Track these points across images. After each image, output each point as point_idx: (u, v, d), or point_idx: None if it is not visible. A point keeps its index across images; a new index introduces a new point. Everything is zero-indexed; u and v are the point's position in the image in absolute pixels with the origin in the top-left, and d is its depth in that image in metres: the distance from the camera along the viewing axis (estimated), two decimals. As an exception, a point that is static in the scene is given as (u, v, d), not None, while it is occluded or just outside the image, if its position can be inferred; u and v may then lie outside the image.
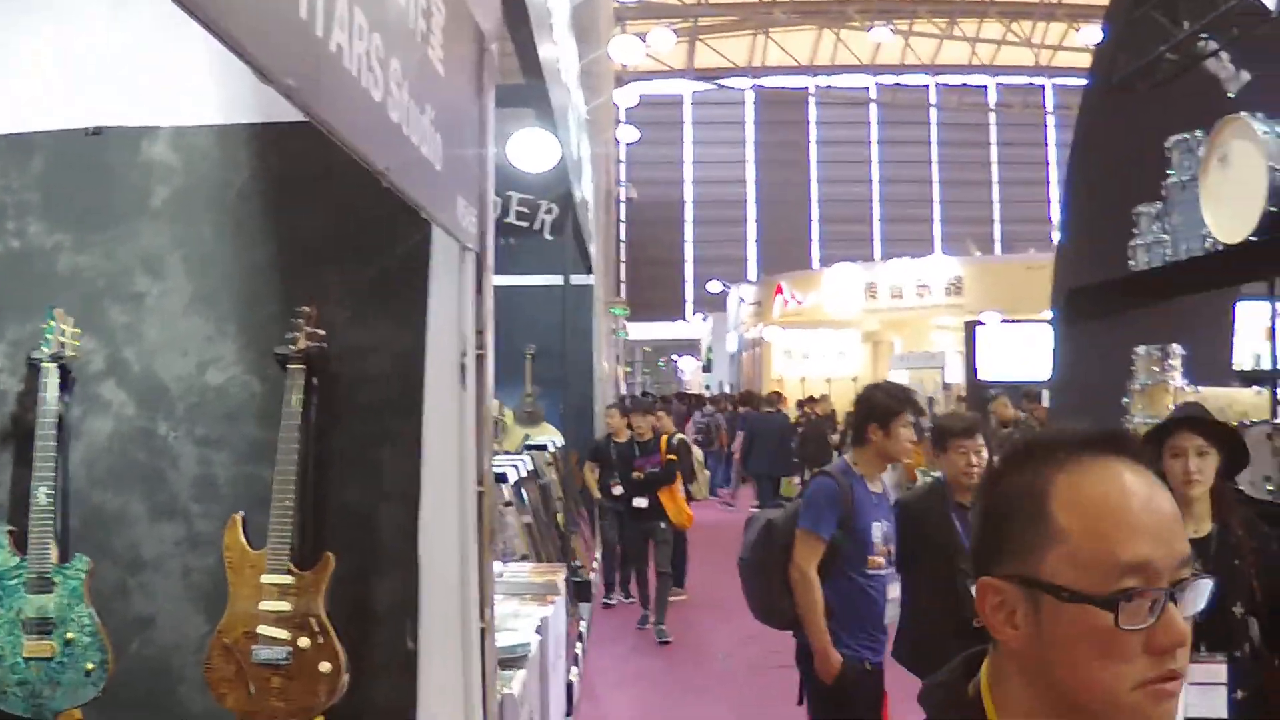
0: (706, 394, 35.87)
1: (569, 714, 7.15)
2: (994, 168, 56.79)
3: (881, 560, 5.09)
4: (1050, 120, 52.98)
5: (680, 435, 13.93)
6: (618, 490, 11.40)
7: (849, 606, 5.08)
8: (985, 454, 5.15)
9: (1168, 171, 7.49)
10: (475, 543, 3.61)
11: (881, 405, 5.21)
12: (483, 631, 3.68)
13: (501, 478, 7.76)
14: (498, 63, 3.98)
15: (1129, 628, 1.39)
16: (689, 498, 12.36)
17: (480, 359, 3.65)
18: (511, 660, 4.79)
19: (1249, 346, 9.63)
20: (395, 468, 4.02)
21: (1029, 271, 24.15)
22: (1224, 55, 7.45)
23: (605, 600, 12.31)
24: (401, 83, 2.69)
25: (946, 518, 5.08)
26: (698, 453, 16.08)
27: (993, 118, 55.86)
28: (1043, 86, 52.13)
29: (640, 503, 11.19)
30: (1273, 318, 6.69)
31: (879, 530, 5.09)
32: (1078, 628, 1.42)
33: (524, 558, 7.70)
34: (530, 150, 9.13)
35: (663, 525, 11.20)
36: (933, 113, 55.59)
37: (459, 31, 3.44)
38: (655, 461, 11.29)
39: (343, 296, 4.17)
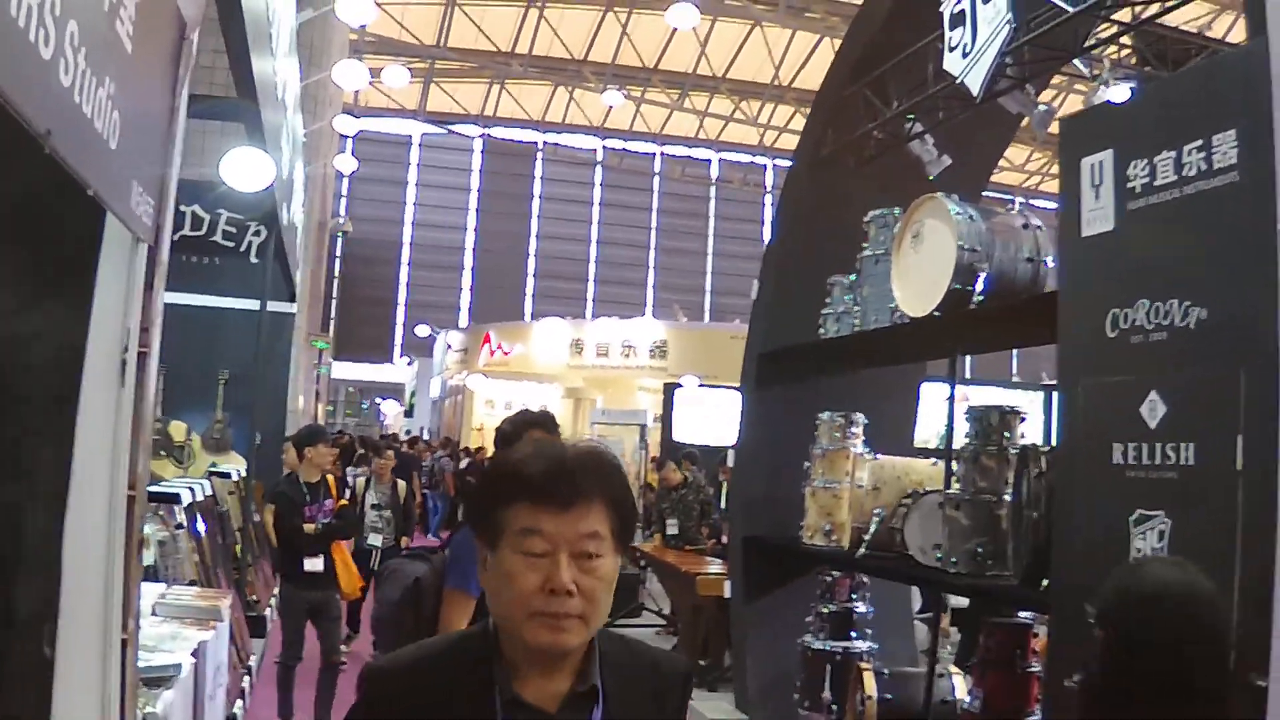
0: (404, 438, 35.37)
1: (227, 746, 6.80)
2: (710, 239, 58.19)
3: None
4: (769, 198, 54.61)
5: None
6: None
7: None
8: None
9: (863, 245, 7.79)
10: (122, 550, 3.42)
11: (509, 435, 5.04)
12: (124, 644, 3.48)
13: (175, 498, 7.45)
14: (195, 53, 3.80)
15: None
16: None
17: (143, 357, 3.47)
18: (159, 679, 4.55)
19: (931, 424, 10.08)
20: (47, 465, 3.77)
21: (732, 340, 24.61)
22: (928, 138, 7.82)
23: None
24: (79, 48, 2.54)
25: None
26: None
27: (713, 191, 57.30)
28: (765, 165, 53.69)
29: (313, 565, 8.42)
30: (950, 398, 7.01)
31: None
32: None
33: (193, 583, 7.37)
34: (244, 169, 8.74)
35: (336, 596, 8.80)
36: (656, 180, 56.67)
37: (156, 12, 3.29)
38: (327, 510, 8.59)
39: (6, 281, 3.91)
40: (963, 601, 8.59)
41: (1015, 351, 33.49)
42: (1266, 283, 4.21)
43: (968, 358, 10.91)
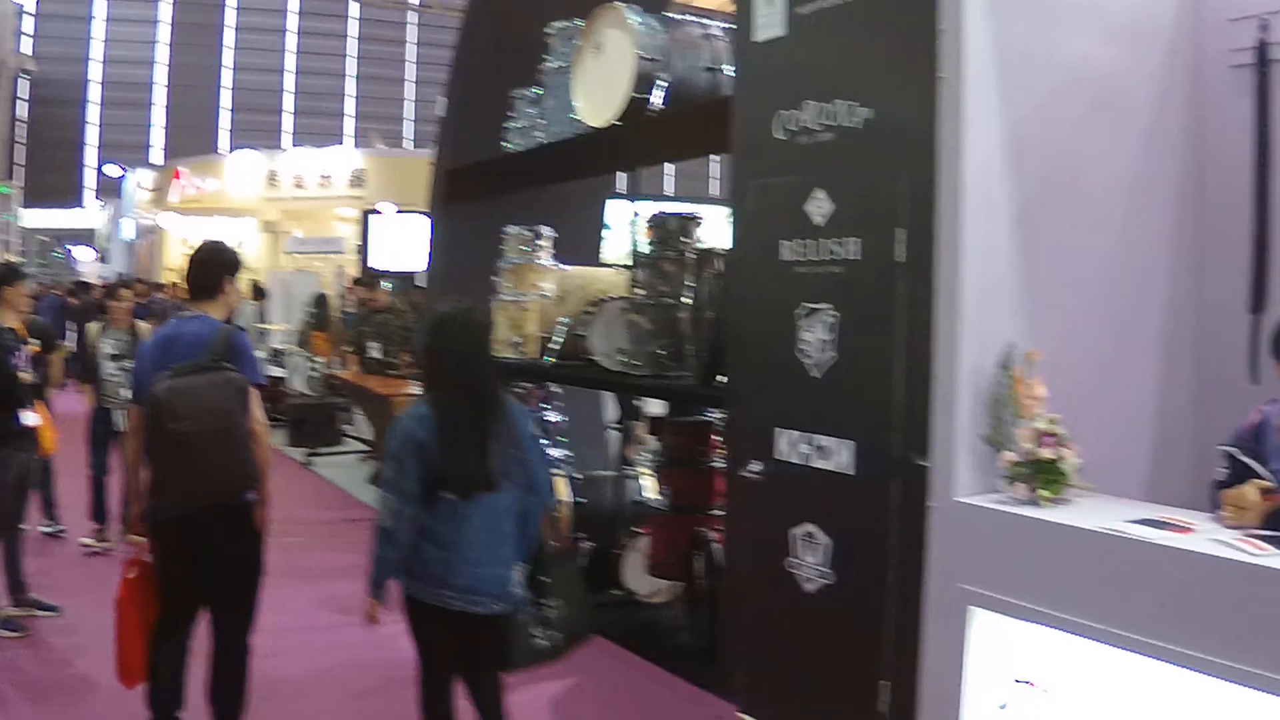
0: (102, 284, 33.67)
1: None
2: (411, 66, 56.93)
3: None
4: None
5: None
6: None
7: None
8: None
9: (546, 57, 7.70)
10: None
11: (229, 258, 5.32)
12: None
13: None
14: None
15: None
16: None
17: None
18: None
19: (621, 244, 10.13)
20: None
21: (432, 166, 24.35)
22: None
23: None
24: None
25: None
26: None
27: (413, 17, 55.89)
28: (464, -10, 52.48)
29: (31, 419, 7.15)
30: (631, 213, 7.09)
31: None
32: None
33: None
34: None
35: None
36: (354, 6, 54.89)
37: None
38: (23, 358, 7.20)
39: None
40: (660, 408, 8.80)
41: (716, 174, 34.03)
42: (926, 84, 4.35)
43: (670, 180, 10.95)
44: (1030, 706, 3.84)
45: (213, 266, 5.22)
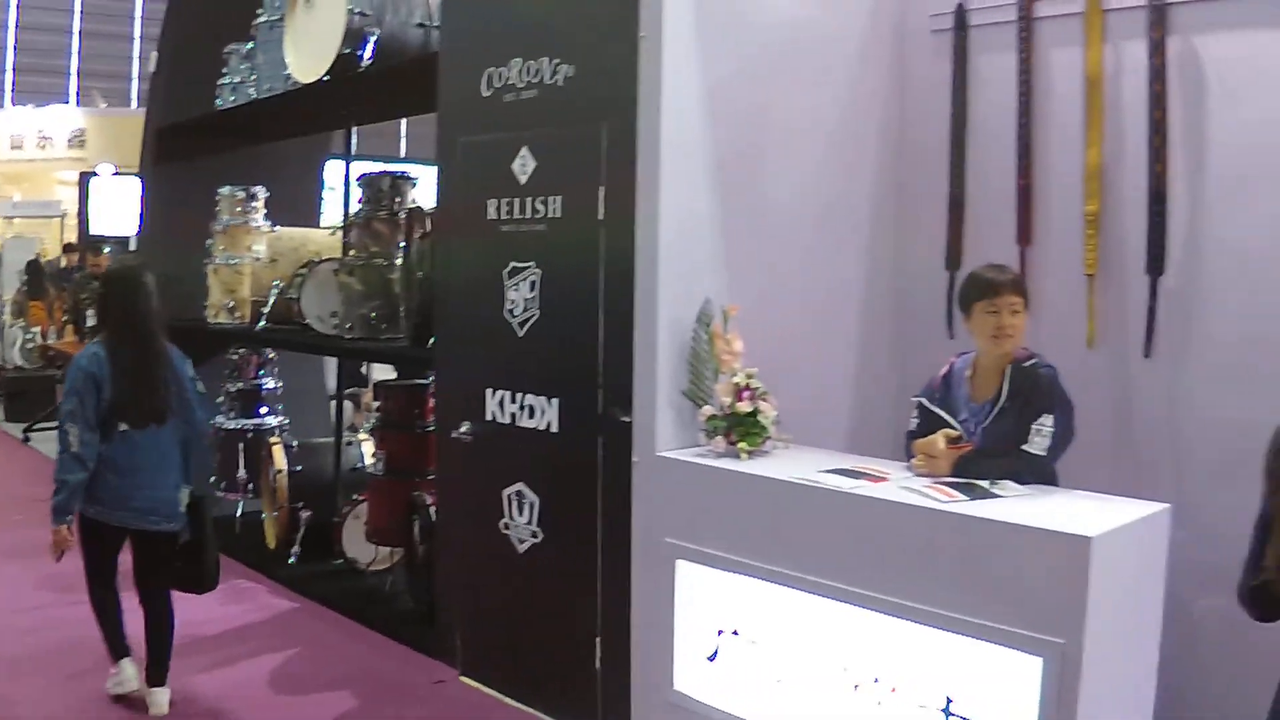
0: None
1: None
2: (137, 22, 54.67)
3: None
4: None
5: None
6: None
7: None
8: None
9: (259, 11, 7.46)
10: None
11: None
12: None
13: None
14: None
15: None
16: None
17: None
18: None
19: (333, 199, 9.89)
20: None
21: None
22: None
23: None
24: None
25: None
26: None
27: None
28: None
29: None
30: (346, 173, 6.94)
31: None
32: None
33: None
34: None
35: None
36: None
37: None
38: None
39: None
40: (389, 373, 8.65)
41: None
42: (628, 41, 4.33)
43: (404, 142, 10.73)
44: (737, 655, 3.90)
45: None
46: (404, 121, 9.36)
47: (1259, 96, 4.18)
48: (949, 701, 3.31)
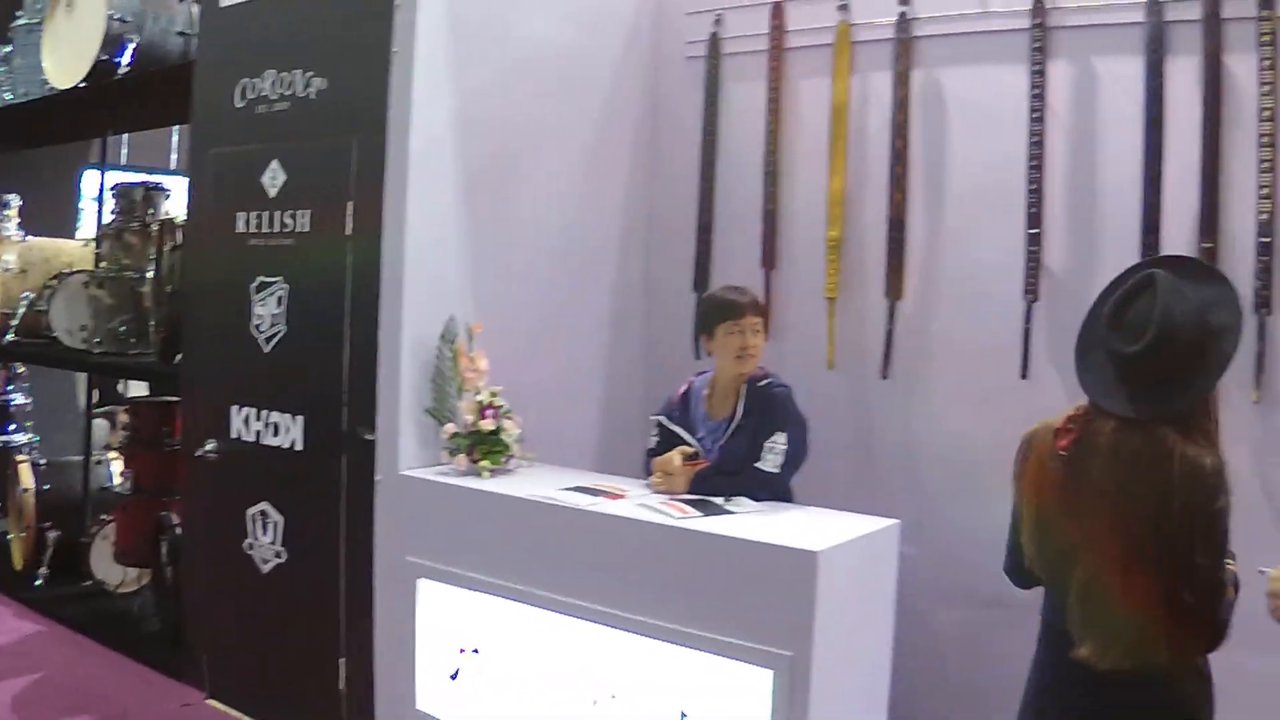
0: None
1: None
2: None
3: None
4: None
5: None
6: None
7: None
8: None
9: (18, 14, 7.23)
10: None
11: None
12: None
13: None
14: None
15: None
16: None
17: None
18: None
19: (91, 210, 9.60)
20: None
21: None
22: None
23: None
24: None
25: None
26: None
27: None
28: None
29: None
30: (102, 178, 6.74)
31: None
32: None
33: None
34: None
35: None
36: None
37: None
38: None
39: None
40: (143, 390, 8.39)
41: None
42: (381, 56, 4.31)
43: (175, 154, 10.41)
44: (478, 674, 3.90)
45: None
46: (174, 132, 9.06)
47: (995, 128, 4.36)
48: (683, 715, 3.37)
